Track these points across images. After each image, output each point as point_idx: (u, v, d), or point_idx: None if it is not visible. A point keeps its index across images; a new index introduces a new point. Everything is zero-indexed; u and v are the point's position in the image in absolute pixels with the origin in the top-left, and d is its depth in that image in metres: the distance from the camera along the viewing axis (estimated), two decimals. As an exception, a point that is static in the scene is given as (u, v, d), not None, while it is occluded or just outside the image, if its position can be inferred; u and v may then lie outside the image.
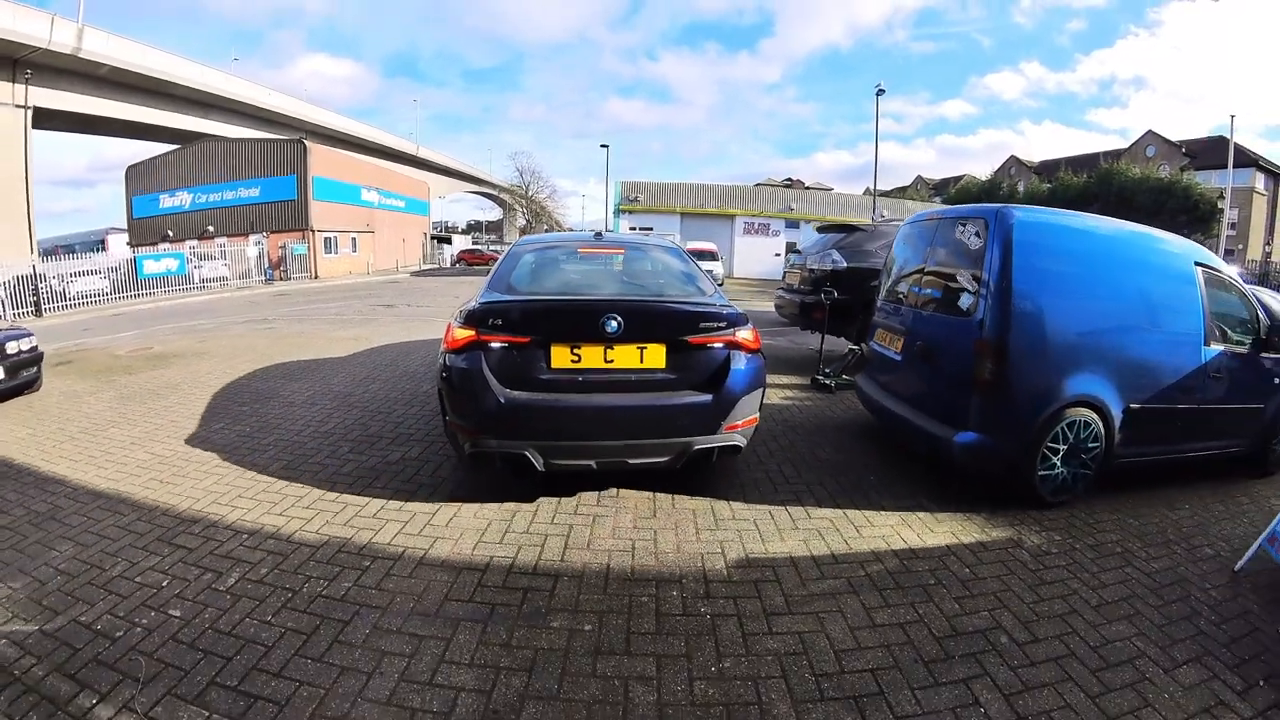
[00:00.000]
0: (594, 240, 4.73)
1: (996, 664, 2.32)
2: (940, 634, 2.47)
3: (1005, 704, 2.12)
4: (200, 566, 2.83)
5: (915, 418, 4.12)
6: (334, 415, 5.28)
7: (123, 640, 2.33)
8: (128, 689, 2.07)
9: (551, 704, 2.01)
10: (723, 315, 3.56)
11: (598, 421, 3.35)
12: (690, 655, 2.26)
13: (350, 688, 2.07)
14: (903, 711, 2.04)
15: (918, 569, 2.96)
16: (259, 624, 2.41)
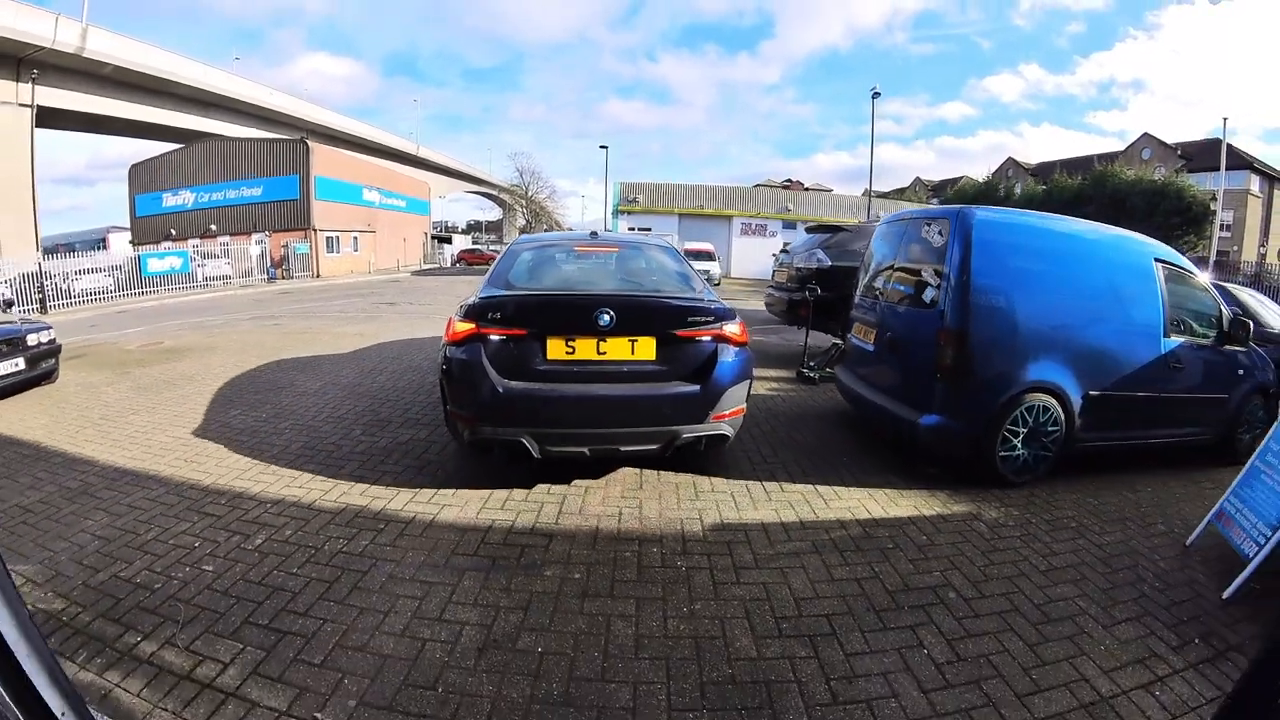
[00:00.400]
0: (589, 239, 4.92)
1: (943, 614, 2.61)
2: (893, 588, 2.77)
3: (948, 647, 2.40)
4: (228, 530, 3.13)
5: (886, 403, 4.42)
6: (345, 403, 5.59)
7: (161, 591, 2.62)
8: (169, 629, 2.37)
9: (543, 635, 2.32)
10: (710, 310, 3.72)
11: (591, 410, 3.50)
12: (665, 599, 2.57)
13: (368, 624, 2.37)
14: (852, 649, 2.33)
15: (878, 535, 3.26)
16: (285, 575, 2.72)
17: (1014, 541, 3.33)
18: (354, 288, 22.38)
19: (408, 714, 1.93)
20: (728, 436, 3.77)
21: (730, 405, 3.68)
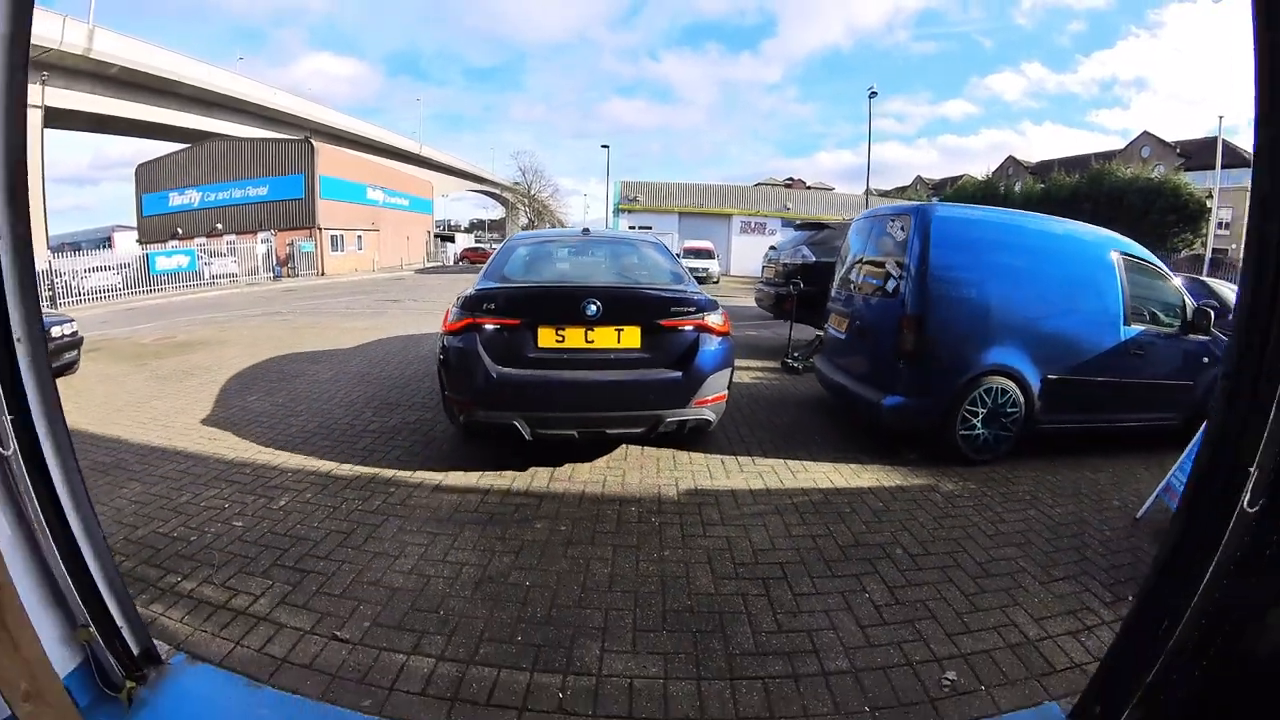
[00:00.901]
0: (582, 235, 5.20)
1: (888, 566, 2.94)
2: (844, 544, 3.11)
3: (888, 592, 2.72)
4: (254, 494, 3.49)
5: (855, 387, 4.76)
6: (355, 389, 5.96)
7: (196, 542, 2.98)
8: (205, 570, 2.72)
9: (531, 573, 2.69)
10: (693, 301, 3.90)
11: (579, 395, 3.67)
12: (639, 547, 2.93)
13: (382, 565, 2.74)
14: (800, 590, 2.68)
15: (837, 501, 3.60)
16: (307, 528, 3.08)
17: (966, 510, 3.64)
18: (359, 285, 22.76)
19: (414, 631, 2.28)
20: (710, 421, 3.96)
21: (712, 391, 3.86)
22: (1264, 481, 1.51)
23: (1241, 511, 1.54)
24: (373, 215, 35.02)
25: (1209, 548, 1.65)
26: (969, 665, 2.25)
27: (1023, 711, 2.06)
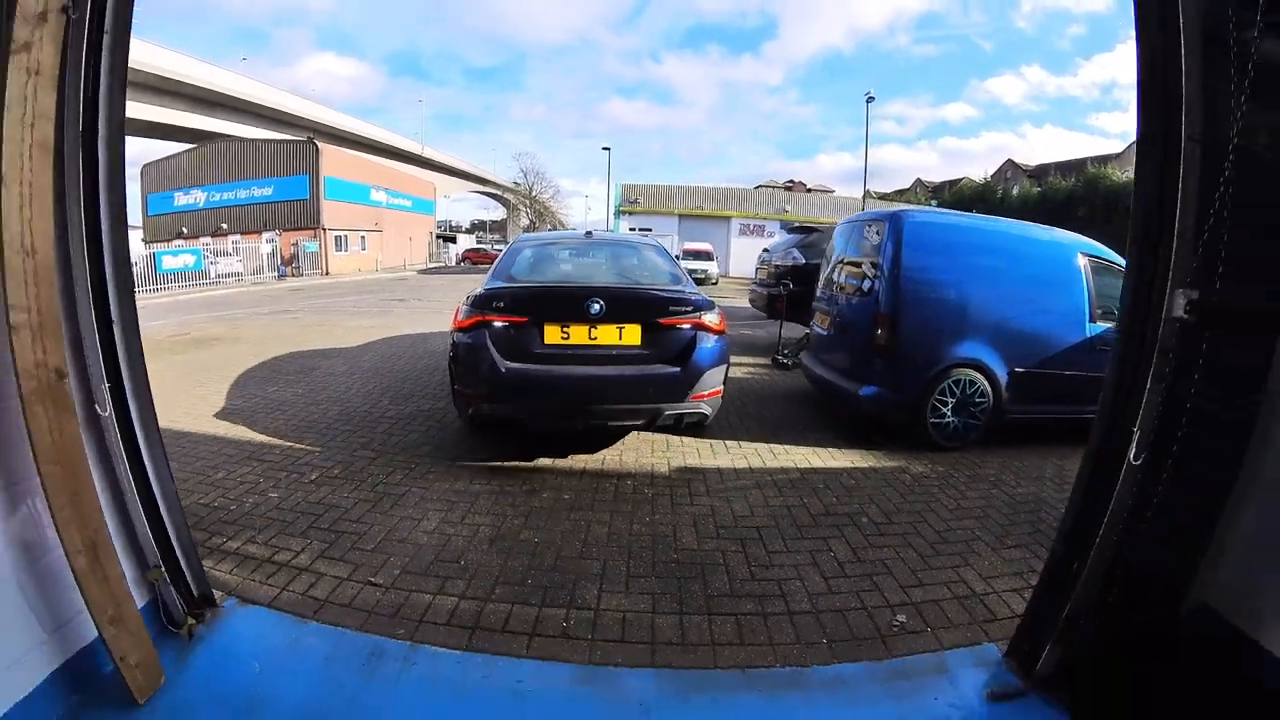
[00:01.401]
0: (584, 237, 5.48)
1: (853, 531, 3.29)
2: (815, 513, 3.47)
3: (850, 551, 3.08)
4: (285, 470, 3.86)
5: (836, 379, 5.13)
6: (370, 381, 6.33)
7: (236, 510, 3.33)
8: (248, 531, 3.08)
9: (539, 532, 3.07)
10: (690, 301, 4.08)
11: (582, 389, 3.83)
12: (632, 513, 3.31)
13: (407, 526, 3.12)
14: (772, 549, 3.04)
15: (813, 478, 3.97)
16: (338, 497, 3.46)
17: (932, 488, 3.99)
18: (363, 285, 23.13)
19: (439, 577, 2.65)
20: (706, 415, 4.13)
21: (708, 387, 4.04)
22: (1145, 440, 1.88)
23: (1129, 465, 1.90)
24: (376, 216, 35.38)
25: (1106, 497, 2.01)
26: (918, 611, 2.60)
27: (962, 650, 2.40)
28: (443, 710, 1.91)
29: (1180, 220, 1.76)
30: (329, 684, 2.01)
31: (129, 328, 2.07)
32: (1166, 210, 1.80)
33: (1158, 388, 1.81)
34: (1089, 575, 2.04)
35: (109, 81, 1.92)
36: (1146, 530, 1.98)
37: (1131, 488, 1.95)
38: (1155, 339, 1.85)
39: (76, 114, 1.84)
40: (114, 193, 1.97)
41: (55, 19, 1.74)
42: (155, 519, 2.18)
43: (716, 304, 4.29)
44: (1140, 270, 1.94)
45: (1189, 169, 1.74)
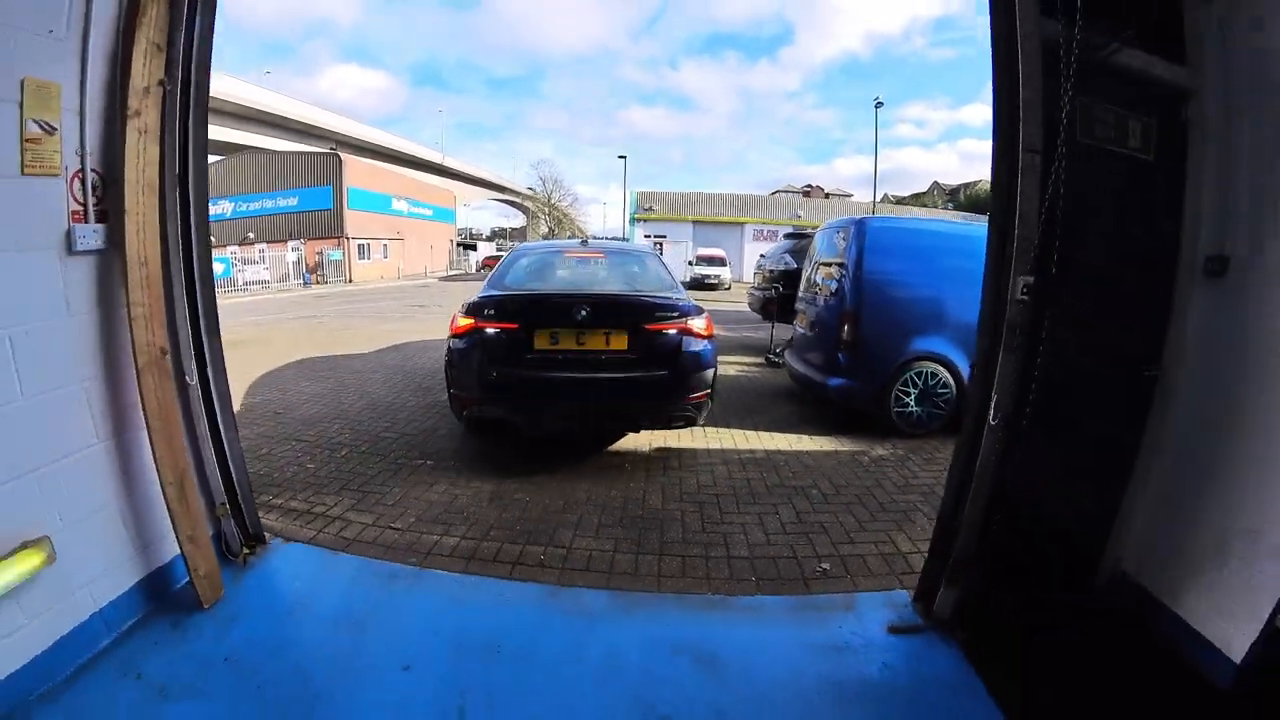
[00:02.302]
0: (579, 246, 5.70)
1: (801, 500, 3.79)
2: (771, 485, 4.00)
3: (795, 515, 3.58)
4: (320, 447, 4.51)
5: (811, 373, 5.65)
6: (394, 377, 6.99)
7: (279, 477, 3.96)
8: (289, 492, 3.70)
9: (530, 493, 3.68)
10: (677, 307, 4.18)
11: (571, 392, 3.99)
12: (611, 482, 3.89)
13: (421, 489, 3.74)
14: (725, 510, 3.58)
15: (776, 458, 4.50)
16: (366, 469, 4.09)
17: (886, 468, 4.46)
18: (385, 292, 24.00)
19: (444, 524, 3.27)
20: (693, 417, 4.23)
21: (696, 390, 4.15)
22: (1001, 405, 2.38)
23: (989, 426, 2.41)
24: (398, 225, 36.39)
25: (974, 453, 2.52)
26: (843, 563, 3.09)
27: (875, 593, 2.85)
28: (443, 611, 2.50)
29: (1023, 207, 2.25)
30: (354, 595, 2.60)
31: (210, 319, 2.70)
32: (1012, 210, 2.30)
33: (1009, 359, 2.32)
34: (967, 526, 2.54)
35: (196, 134, 2.55)
36: (1004, 479, 2.49)
37: (994, 446, 2.45)
38: (1004, 317, 2.35)
39: (173, 161, 2.46)
40: (200, 219, 2.60)
41: (155, 91, 2.37)
42: (224, 467, 2.79)
43: (704, 309, 4.43)
44: (996, 260, 2.42)
45: (1028, 170, 2.23)
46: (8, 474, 1.96)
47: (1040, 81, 2.20)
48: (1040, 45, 2.16)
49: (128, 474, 2.40)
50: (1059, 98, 2.19)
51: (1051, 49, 2.18)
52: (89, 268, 2.25)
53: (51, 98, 2.10)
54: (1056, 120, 2.20)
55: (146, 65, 2.31)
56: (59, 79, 2.13)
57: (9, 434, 1.97)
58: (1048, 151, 2.22)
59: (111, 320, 2.30)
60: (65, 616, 2.14)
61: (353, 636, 2.34)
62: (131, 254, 2.23)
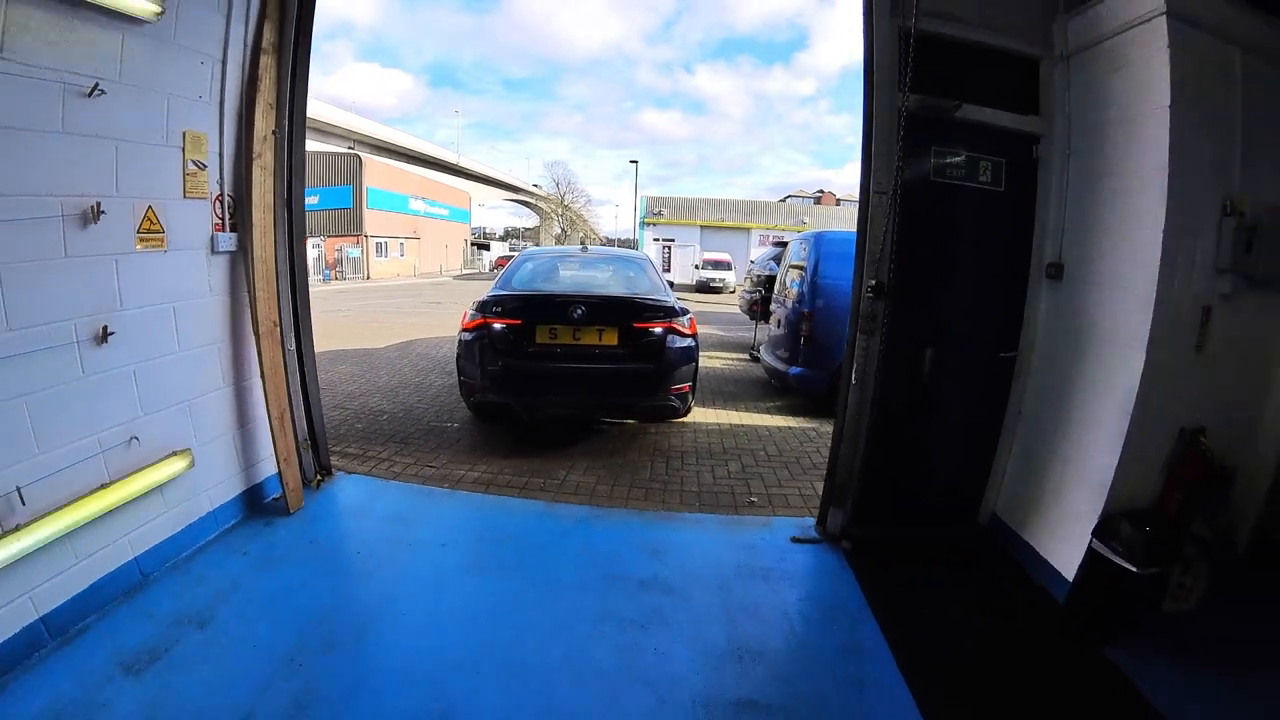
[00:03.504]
0: (580, 252, 6.23)
1: (749, 458, 4.71)
2: (728, 447, 4.94)
3: (740, 467, 4.50)
4: (364, 414, 5.52)
5: (777, 364, 6.58)
6: (420, 362, 8.01)
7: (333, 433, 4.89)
8: (345, 442, 4.67)
9: (536, 445, 4.63)
10: (664, 307, 4.62)
11: (567, 382, 4.41)
12: (602, 442, 4.86)
13: (451, 441, 4.77)
14: (686, 464, 4.51)
15: (738, 430, 5.45)
16: (404, 428, 5.11)
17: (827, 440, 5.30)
18: (403, 289, 25.12)
19: (469, 463, 4.26)
20: (677, 408, 4.66)
21: (678, 382, 4.56)
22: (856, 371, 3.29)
23: (850, 385, 3.33)
24: (415, 224, 37.47)
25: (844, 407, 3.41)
26: (769, 499, 4.02)
27: (789, 517, 3.77)
28: (468, 515, 3.48)
29: (872, 234, 3.17)
30: (402, 505, 3.58)
31: (304, 302, 3.67)
32: (864, 233, 3.21)
33: (861, 339, 3.25)
34: (843, 461, 3.45)
35: (296, 168, 3.53)
36: (861, 425, 3.37)
37: (855, 402, 3.35)
38: (859, 307, 3.26)
39: (281, 188, 3.43)
40: (299, 230, 3.58)
41: (270, 137, 3.35)
42: (307, 413, 3.76)
43: (689, 310, 4.96)
44: (857, 268, 3.31)
45: (878, 208, 3.15)
46: (168, 402, 2.92)
47: (889, 143, 3.10)
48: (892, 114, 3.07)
49: (242, 412, 3.37)
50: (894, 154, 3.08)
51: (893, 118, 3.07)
52: (224, 263, 3.23)
53: (202, 144, 3.08)
54: (896, 168, 3.09)
55: (264, 120, 3.29)
56: (206, 130, 3.10)
57: (170, 375, 2.93)
58: (893, 191, 3.12)
59: (237, 300, 3.29)
60: (192, 510, 3.05)
61: (403, 528, 3.31)
62: (255, 254, 3.21)
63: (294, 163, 3.53)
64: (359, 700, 2.10)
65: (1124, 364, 2.75)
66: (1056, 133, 3.24)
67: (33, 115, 2.28)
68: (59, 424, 2.41)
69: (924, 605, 2.81)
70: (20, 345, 2.26)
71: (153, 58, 2.75)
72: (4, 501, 2.18)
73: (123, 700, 2.03)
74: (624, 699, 2.14)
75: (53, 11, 2.30)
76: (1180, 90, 2.60)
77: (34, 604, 2.29)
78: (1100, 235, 3.01)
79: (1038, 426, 3.32)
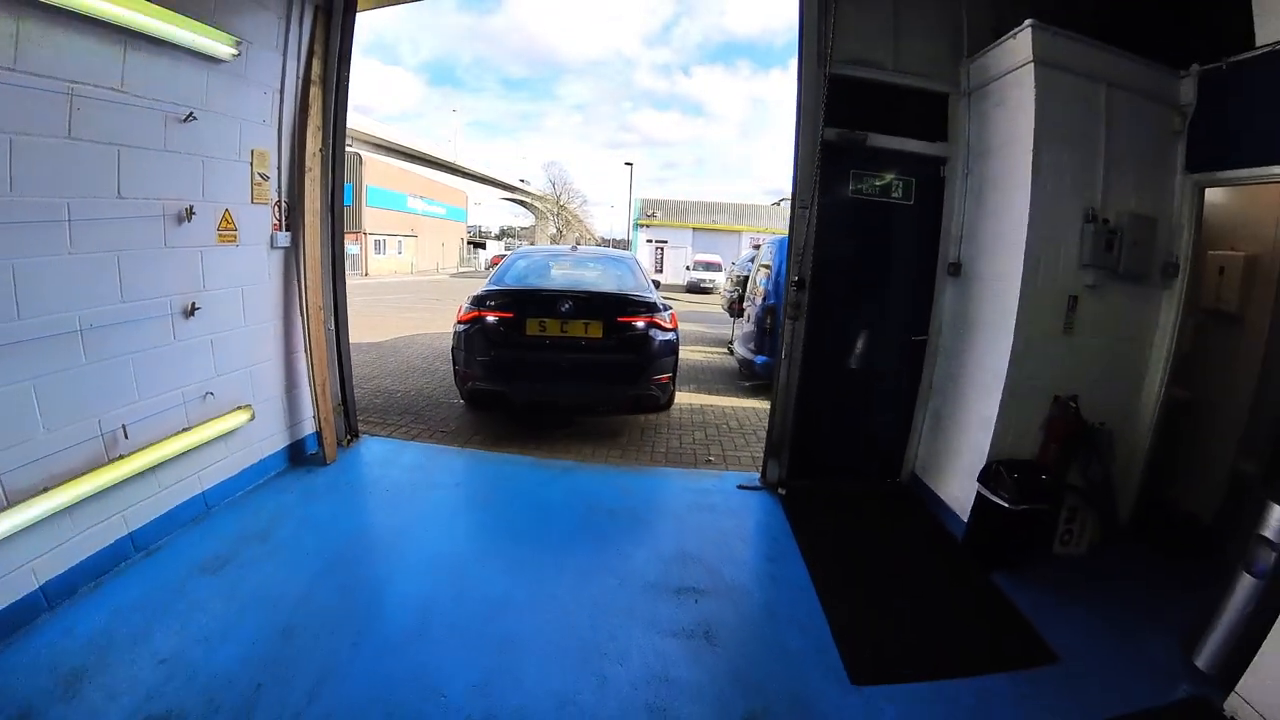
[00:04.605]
0: (570, 251, 6.62)
1: (712, 429, 5.50)
2: (695, 421, 5.72)
3: (704, 436, 5.30)
4: (380, 393, 6.28)
5: (747, 354, 7.36)
6: (426, 351, 8.78)
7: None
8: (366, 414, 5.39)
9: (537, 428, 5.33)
10: (645, 303, 4.89)
11: (554, 371, 4.67)
12: (590, 418, 5.57)
13: (458, 413, 5.52)
14: (659, 432, 5.29)
15: (706, 409, 6.24)
16: (417, 403, 5.87)
17: (790, 421, 6.19)
18: (401, 285, 25.80)
19: (476, 430, 5.01)
20: (657, 397, 4.95)
21: (659, 373, 4.84)
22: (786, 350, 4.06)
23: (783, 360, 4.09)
24: (412, 222, 37.99)
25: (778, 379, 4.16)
26: (725, 459, 4.80)
27: (740, 472, 4.47)
28: (475, 465, 4.26)
29: (795, 239, 3.95)
30: (419, 459, 4.34)
31: (341, 291, 4.41)
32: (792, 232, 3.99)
33: (789, 324, 4.02)
34: (780, 423, 4.20)
35: (337, 180, 4.28)
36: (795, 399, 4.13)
37: (784, 374, 4.11)
38: (790, 304, 4.03)
39: (326, 196, 4.17)
40: (339, 232, 4.33)
41: (319, 154, 4.10)
42: (341, 383, 4.49)
43: (671, 306, 5.26)
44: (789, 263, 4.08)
45: (800, 219, 3.92)
46: (235, 366, 3.64)
47: (809, 166, 3.87)
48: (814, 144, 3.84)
49: (289, 379, 4.11)
50: (813, 176, 3.85)
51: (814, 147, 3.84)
52: (280, 256, 3.97)
53: (266, 159, 3.81)
54: (815, 186, 3.86)
55: (313, 139, 4.03)
56: (268, 148, 3.83)
57: (237, 344, 3.65)
58: (812, 205, 3.89)
59: (289, 287, 4.02)
60: (248, 457, 3.76)
61: (422, 474, 4.08)
62: (306, 250, 3.95)
63: (336, 176, 4.27)
64: (393, 585, 2.86)
65: (1000, 344, 3.47)
66: (959, 155, 3.99)
67: (146, 136, 2.99)
68: (154, 378, 3.10)
69: (838, 536, 3.57)
70: (132, 314, 2.97)
71: (229, 90, 3.47)
72: (113, 435, 2.86)
73: (204, 589, 2.67)
74: (594, 581, 2.91)
75: (162, 55, 3.00)
76: (1043, 122, 3.28)
77: (125, 522, 2.91)
78: (985, 239, 3.77)
79: (943, 397, 4.09)
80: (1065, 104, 3.34)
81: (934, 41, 3.94)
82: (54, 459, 2.58)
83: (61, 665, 2.19)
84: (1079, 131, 3.38)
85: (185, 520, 3.23)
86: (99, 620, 2.44)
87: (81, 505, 2.67)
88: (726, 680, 2.32)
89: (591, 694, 2.20)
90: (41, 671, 2.16)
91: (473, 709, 2.10)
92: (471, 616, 2.62)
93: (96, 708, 2.02)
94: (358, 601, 2.71)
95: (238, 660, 2.26)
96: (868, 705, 2.25)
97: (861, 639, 2.61)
